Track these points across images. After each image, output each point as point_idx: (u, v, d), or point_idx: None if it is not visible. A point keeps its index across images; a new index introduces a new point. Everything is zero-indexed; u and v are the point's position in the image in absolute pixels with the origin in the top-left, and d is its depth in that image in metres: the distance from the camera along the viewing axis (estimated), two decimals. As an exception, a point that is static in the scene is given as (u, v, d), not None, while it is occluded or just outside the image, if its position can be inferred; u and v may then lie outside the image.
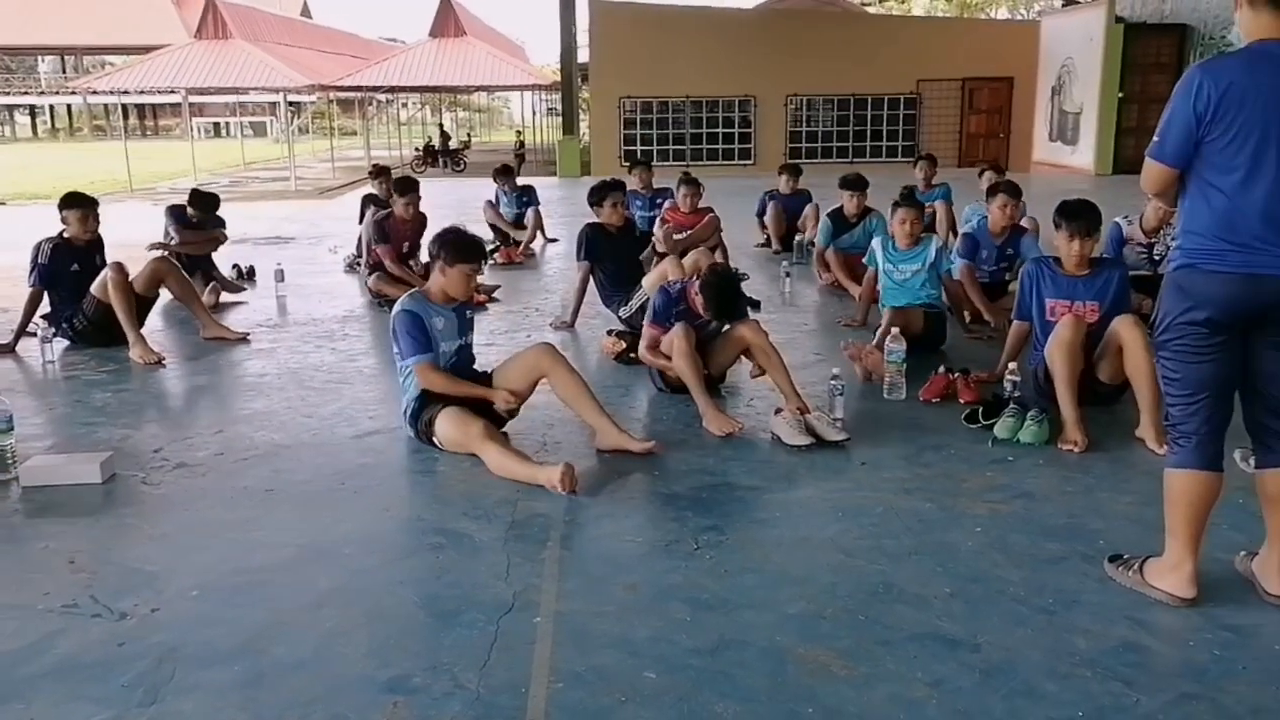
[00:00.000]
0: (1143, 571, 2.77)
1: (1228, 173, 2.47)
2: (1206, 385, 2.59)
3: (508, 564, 3.01)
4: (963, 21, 29.42)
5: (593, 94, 21.61)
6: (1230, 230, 2.48)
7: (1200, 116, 2.45)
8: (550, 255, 9.64)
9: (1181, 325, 2.57)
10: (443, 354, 4.02)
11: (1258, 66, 2.44)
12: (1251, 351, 2.58)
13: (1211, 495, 2.65)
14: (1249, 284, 2.48)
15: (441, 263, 4.02)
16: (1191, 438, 2.63)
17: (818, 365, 5.16)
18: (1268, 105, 2.42)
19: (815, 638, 2.57)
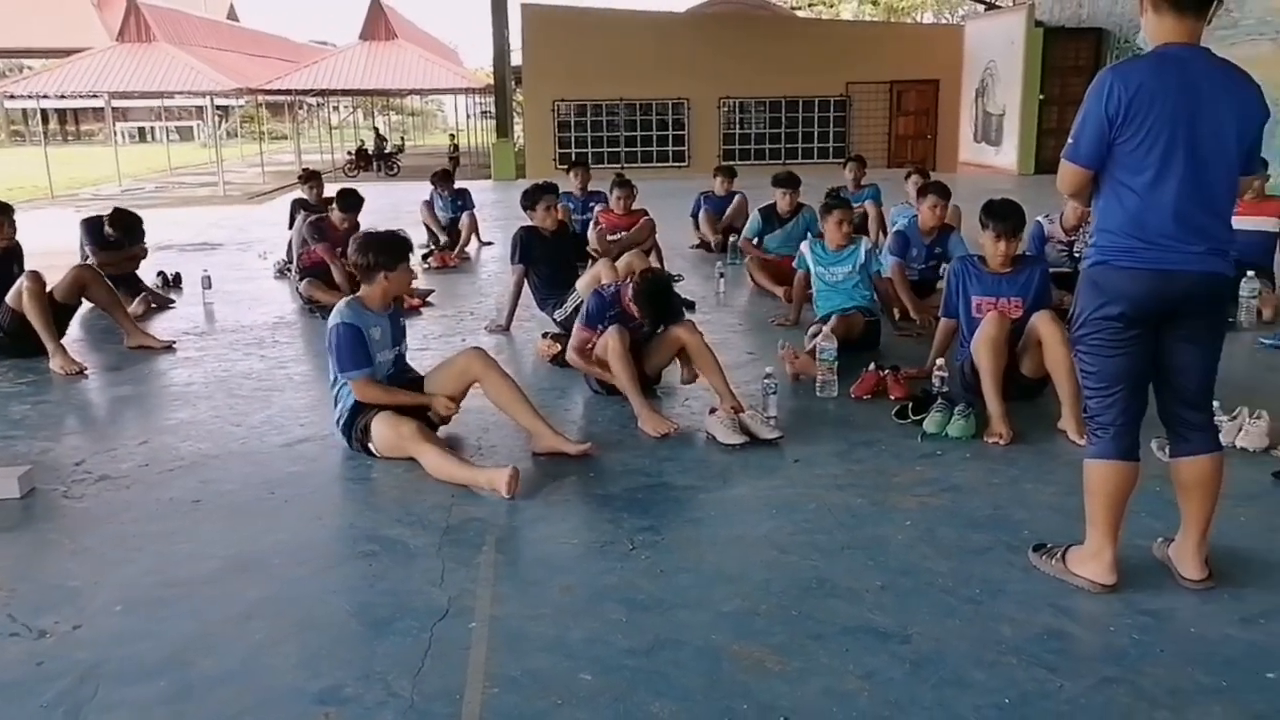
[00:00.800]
0: (1065, 560, 2.85)
1: (1139, 173, 2.55)
2: (1122, 378, 2.67)
3: (442, 570, 2.98)
4: (890, 25, 29.90)
5: (526, 97, 21.52)
6: (1142, 228, 2.56)
7: (1112, 118, 2.53)
8: (485, 259, 9.57)
9: (1097, 320, 2.65)
10: (380, 364, 3.98)
11: (1165, 69, 2.52)
12: (1163, 345, 2.67)
13: (1129, 484, 2.73)
14: (1160, 280, 2.56)
15: (382, 271, 3.96)
16: (1109, 429, 2.71)
17: (751, 364, 5.20)
18: (1175, 107, 2.50)
19: (749, 634, 2.59)
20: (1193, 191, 2.54)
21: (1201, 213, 2.56)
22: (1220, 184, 2.58)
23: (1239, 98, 2.57)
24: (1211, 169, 2.55)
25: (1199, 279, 2.58)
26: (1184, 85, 2.51)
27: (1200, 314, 2.63)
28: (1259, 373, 5.09)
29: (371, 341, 3.93)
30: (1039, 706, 2.25)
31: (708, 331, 5.66)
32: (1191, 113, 2.51)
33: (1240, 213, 6.68)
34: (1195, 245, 2.55)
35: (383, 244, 4.01)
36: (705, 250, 9.26)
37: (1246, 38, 14.23)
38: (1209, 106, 2.52)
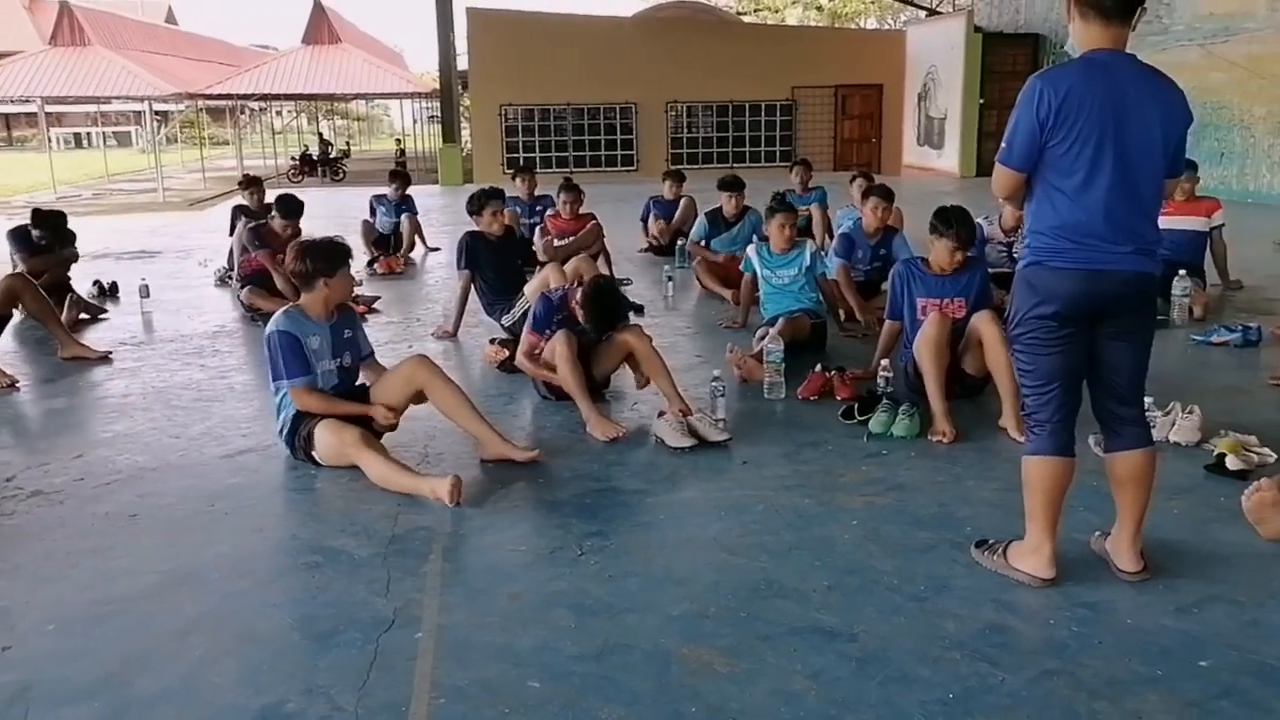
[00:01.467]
0: (1006, 555, 2.90)
1: (1069, 175, 2.61)
2: (1057, 376, 2.72)
3: (388, 579, 2.94)
4: (834, 31, 30.25)
5: (473, 101, 21.42)
6: (1073, 229, 2.62)
7: (1043, 123, 2.58)
8: (431, 264, 9.49)
9: (1032, 320, 2.70)
10: (322, 374, 3.91)
11: (1092, 75, 2.58)
12: (1096, 343, 2.73)
13: (1066, 480, 2.79)
14: (1091, 279, 2.62)
15: (321, 279, 3.90)
16: (1045, 426, 2.76)
17: (700, 367, 5.22)
18: (1103, 111, 2.56)
19: (698, 637, 2.59)
20: (1122, 193, 2.60)
21: (1130, 214, 2.62)
22: (1148, 186, 2.64)
23: (1165, 102, 2.63)
24: (1139, 171, 2.61)
25: (1128, 278, 2.64)
26: (1111, 90, 2.57)
27: (1130, 312, 2.70)
28: (1191, 369, 5.22)
29: (309, 351, 3.87)
30: (982, 700, 2.28)
31: (657, 335, 5.68)
32: (1119, 116, 2.57)
33: (1171, 213, 6.93)
34: (1124, 245, 2.62)
35: (321, 251, 3.95)
36: (654, 254, 9.28)
37: (1176, 44, 14.63)
38: (1136, 110, 2.58)
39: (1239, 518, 3.26)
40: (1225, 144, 13.82)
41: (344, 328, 4.06)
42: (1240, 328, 5.66)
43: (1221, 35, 13.78)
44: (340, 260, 3.96)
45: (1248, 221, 9.85)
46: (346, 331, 4.07)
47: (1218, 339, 5.64)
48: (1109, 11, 2.57)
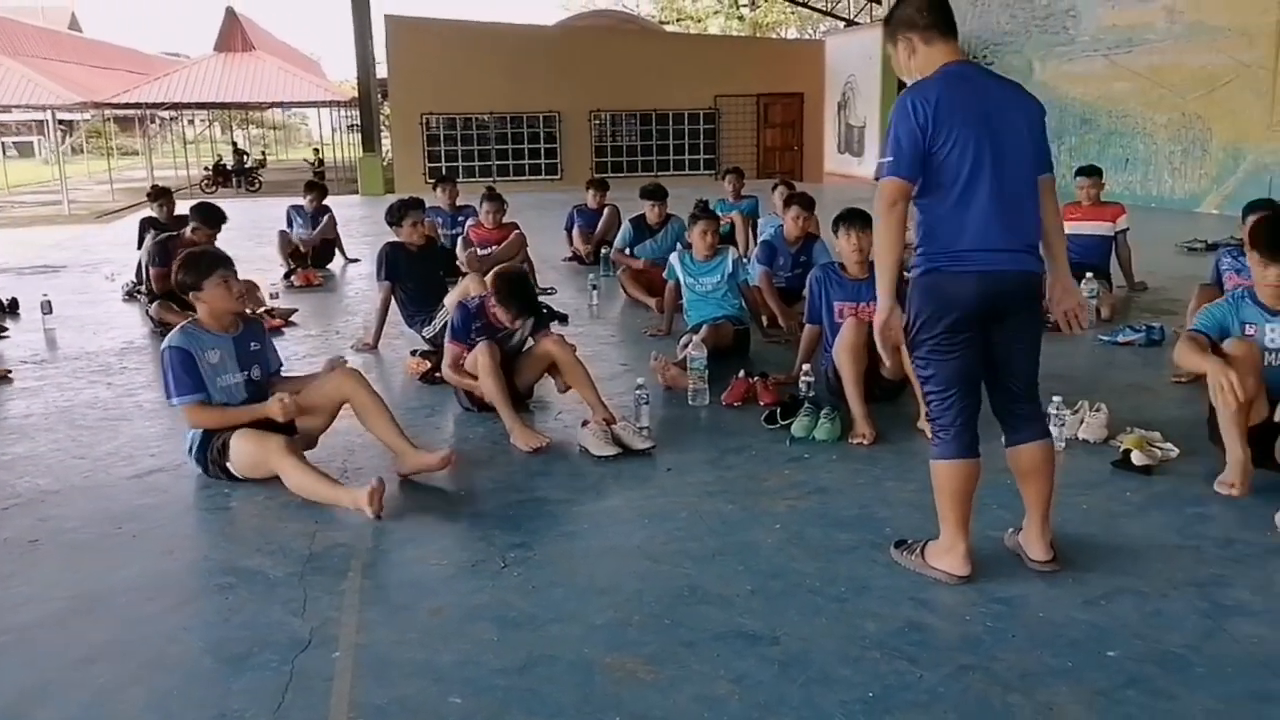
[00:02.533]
0: (924, 554, 2.95)
1: (954, 181, 2.68)
2: (958, 379, 2.79)
3: (304, 599, 2.87)
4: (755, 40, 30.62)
5: (393, 110, 21.17)
6: (962, 234, 2.70)
7: (923, 129, 2.65)
8: (351, 275, 9.33)
9: (930, 326, 2.77)
10: (223, 389, 3.79)
11: (956, 85, 2.69)
12: (990, 345, 2.81)
13: (974, 480, 2.86)
14: (984, 282, 2.70)
15: (191, 291, 3.80)
16: (950, 430, 2.83)
17: (625, 375, 5.22)
18: (975, 115, 2.66)
19: (622, 646, 2.58)
20: (1003, 194, 2.69)
21: (1013, 214, 2.72)
22: (1025, 185, 2.76)
23: (1023, 102, 2.79)
24: (1016, 172, 2.72)
25: (1018, 278, 2.73)
26: (977, 97, 2.69)
27: (1020, 311, 2.78)
28: (1099, 369, 5.39)
29: (208, 366, 3.75)
30: (901, 698, 2.32)
31: (581, 344, 5.67)
32: (989, 120, 2.68)
33: (1078, 218, 7.17)
34: (1011, 246, 2.71)
35: (188, 262, 3.83)
36: (578, 263, 9.27)
37: (1082, 54, 15.16)
38: (1002, 113, 2.71)
39: (1144, 511, 3.38)
40: (1129, 151, 14.34)
41: (250, 339, 3.93)
42: (1144, 328, 5.87)
43: (1124, 46, 14.30)
44: (206, 270, 3.79)
45: (1151, 226, 10.23)
46: (253, 344, 3.94)
47: (1123, 339, 5.83)
48: (947, 29, 2.74)
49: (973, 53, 17.69)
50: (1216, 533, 3.19)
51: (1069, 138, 15.55)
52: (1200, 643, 2.53)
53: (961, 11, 17.98)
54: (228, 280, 3.84)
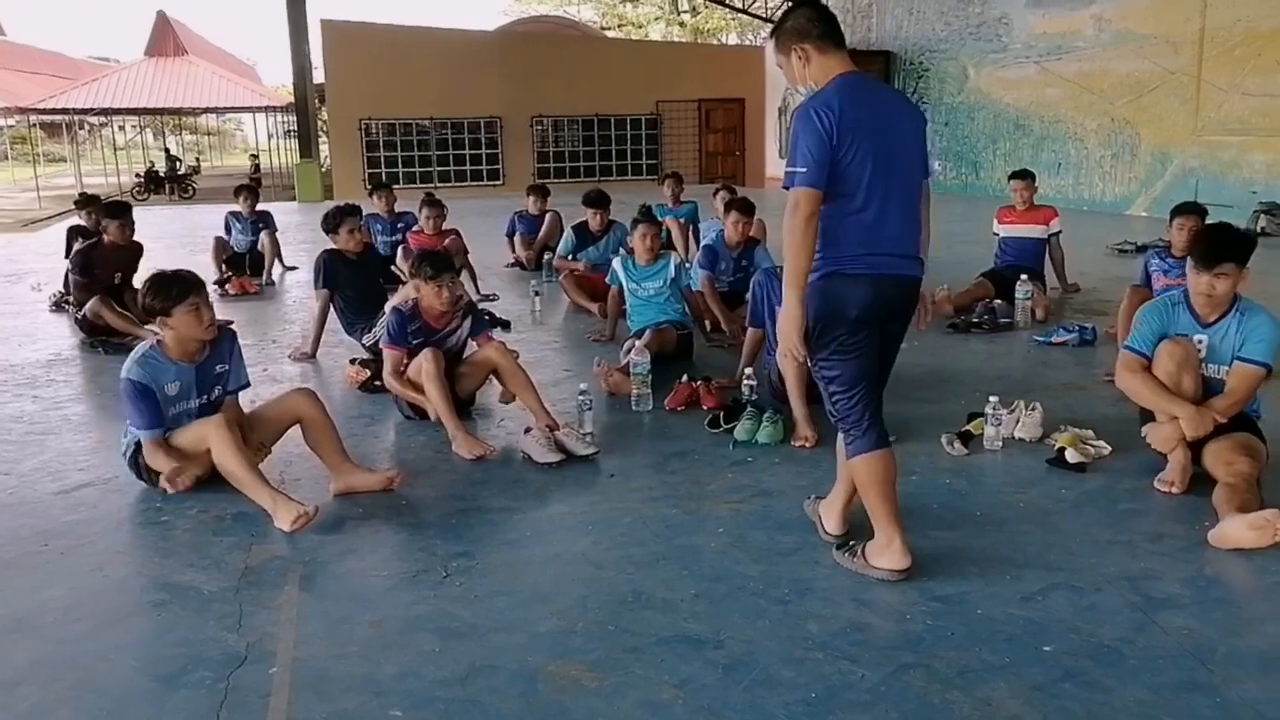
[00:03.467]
0: (865, 555, 2.98)
1: (854, 189, 2.74)
2: (862, 377, 2.86)
3: (240, 614, 2.81)
4: (697, 46, 30.81)
5: (331, 116, 20.87)
6: (863, 240, 2.77)
7: (829, 136, 2.69)
8: (289, 284, 9.17)
9: (831, 328, 2.82)
10: (175, 415, 3.70)
11: (854, 95, 2.74)
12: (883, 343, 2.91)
13: (893, 470, 2.93)
14: (879, 286, 2.79)
15: (158, 317, 3.66)
16: (860, 425, 2.89)
17: (568, 381, 5.20)
18: (876, 125, 2.73)
19: (566, 653, 2.57)
20: (898, 202, 2.78)
21: (906, 221, 2.82)
22: (915, 192, 2.85)
23: (909, 110, 2.90)
24: (908, 180, 2.81)
25: (907, 283, 2.86)
26: (873, 105, 2.76)
27: (906, 314, 2.92)
28: (1034, 369, 5.50)
29: (166, 398, 3.66)
30: (843, 697, 2.33)
31: (524, 350, 5.65)
32: (885, 129, 2.75)
33: (1013, 221, 7.32)
34: (904, 252, 2.82)
35: (157, 286, 3.66)
36: (520, 269, 9.23)
37: (1015, 61, 15.50)
38: (896, 122, 2.79)
39: (1079, 508, 3.46)
40: (1061, 155, 14.69)
41: (216, 363, 3.81)
42: (1077, 328, 6.00)
43: (1055, 53, 14.66)
44: (177, 296, 3.62)
45: (1082, 228, 10.48)
46: (219, 366, 3.82)
47: (1057, 339, 5.96)
48: (838, 39, 2.81)
49: (910, 59, 18.02)
50: (1148, 528, 3.27)
51: (1003, 142, 15.89)
52: (1133, 635, 2.59)
53: (898, 19, 18.40)
54: (199, 308, 3.67)
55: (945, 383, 5.09)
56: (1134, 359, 3.63)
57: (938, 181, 17.04)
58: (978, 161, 16.58)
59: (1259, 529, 2.97)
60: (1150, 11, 13.00)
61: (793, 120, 2.79)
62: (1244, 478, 3.25)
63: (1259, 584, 2.89)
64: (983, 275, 7.06)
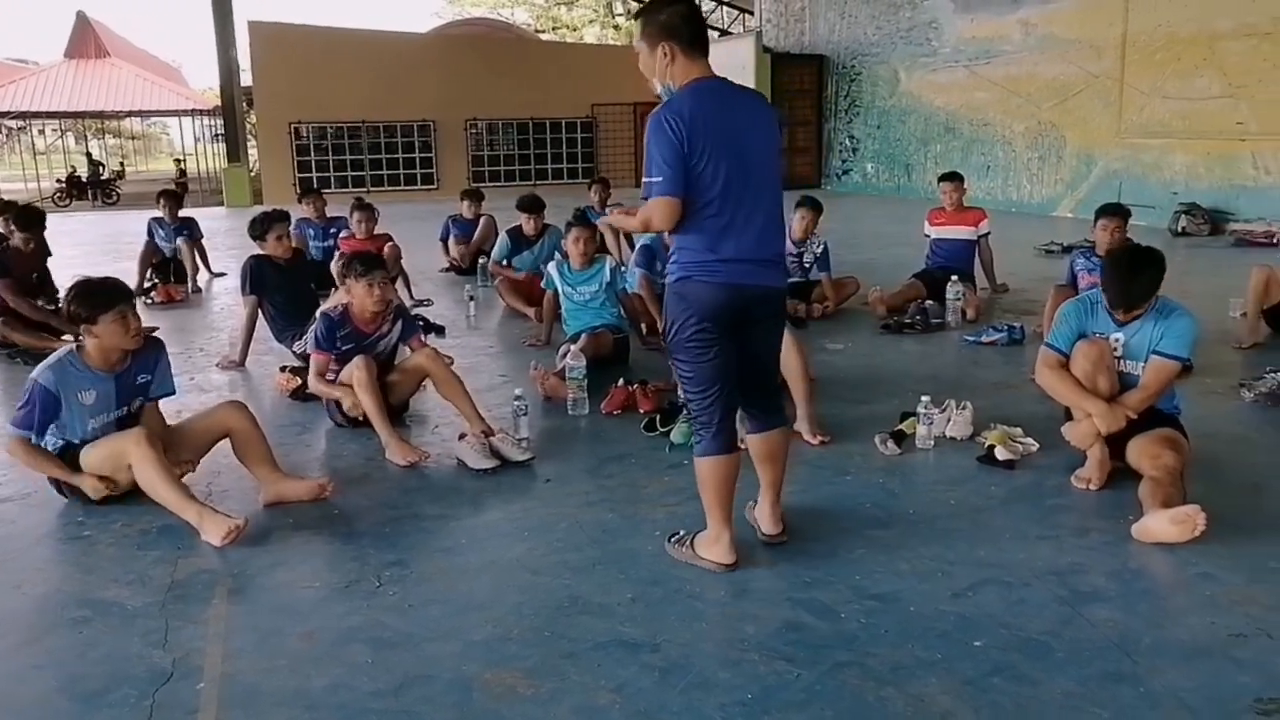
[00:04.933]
0: (694, 546, 3.06)
1: (706, 196, 2.77)
2: (716, 379, 2.91)
3: (166, 629, 2.74)
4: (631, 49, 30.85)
5: (260, 119, 20.47)
6: (715, 247, 2.81)
7: (681, 143, 2.72)
8: (217, 290, 8.96)
9: (687, 330, 2.87)
10: (94, 428, 3.58)
11: (706, 102, 2.78)
12: (741, 347, 2.95)
13: (734, 473, 3.00)
14: (730, 293, 2.83)
15: (82, 324, 3.53)
16: (711, 427, 2.94)
17: (504, 387, 5.16)
18: (726, 134, 2.76)
19: (502, 660, 2.54)
20: (750, 210, 2.81)
21: (759, 229, 2.84)
22: (771, 200, 2.87)
23: (766, 116, 2.89)
24: (763, 187, 2.84)
25: (761, 291, 2.87)
26: (727, 112, 2.78)
27: (765, 319, 2.95)
28: (965, 368, 5.60)
29: (79, 407, 3.54)
30: (779, 698, 2.35)
31: (458, 355, 5.59)
32: (738, 137, 2.78)
33: (943, 223, 7.44)
34: (757, 259, 2.84)
35: (82, 293, 3.54)
36: (456, 273, 9.15)
37: (945, 65, 15.79)
38: (750, 129, 2.81)
39: (1007, 505, 3.52)
40: (990, 158, 15.01)
41: (139, 373, 3.70)
42: (1006, 327, 6.13)
43: (983, 58, 14.97)
44: (102, 305, 3.51)
45: (1011, 229, 10.70)
46: (141, 377, 3.71)
47: (987, 339, 6.07)
48: (702, 45, 2.84)
49: (843, 63, 18.26)
50: (1074, 523, 3.35)
51: (934, 145, 16.18)
52: (1060, 629, 2.64)
53: (830, 23, 18.60)
54: (126, 316, 3.56)
55: (879, 383, 5.16)
56: (1053, 356, 3.71)
57: (872, 184, 17.35)
58: (910, 164, 16.86)
59: (1180, 523, 3.06)
60: (1074, 17, 13.35)
61: (646, 130, 2.80)
62: (1169, 471, 3.34)
63: (1181, 576, 2.97)
64: (915, 276, 7.18)
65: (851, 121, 17.84)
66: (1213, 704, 2.29)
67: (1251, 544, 3.11)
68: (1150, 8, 12.24)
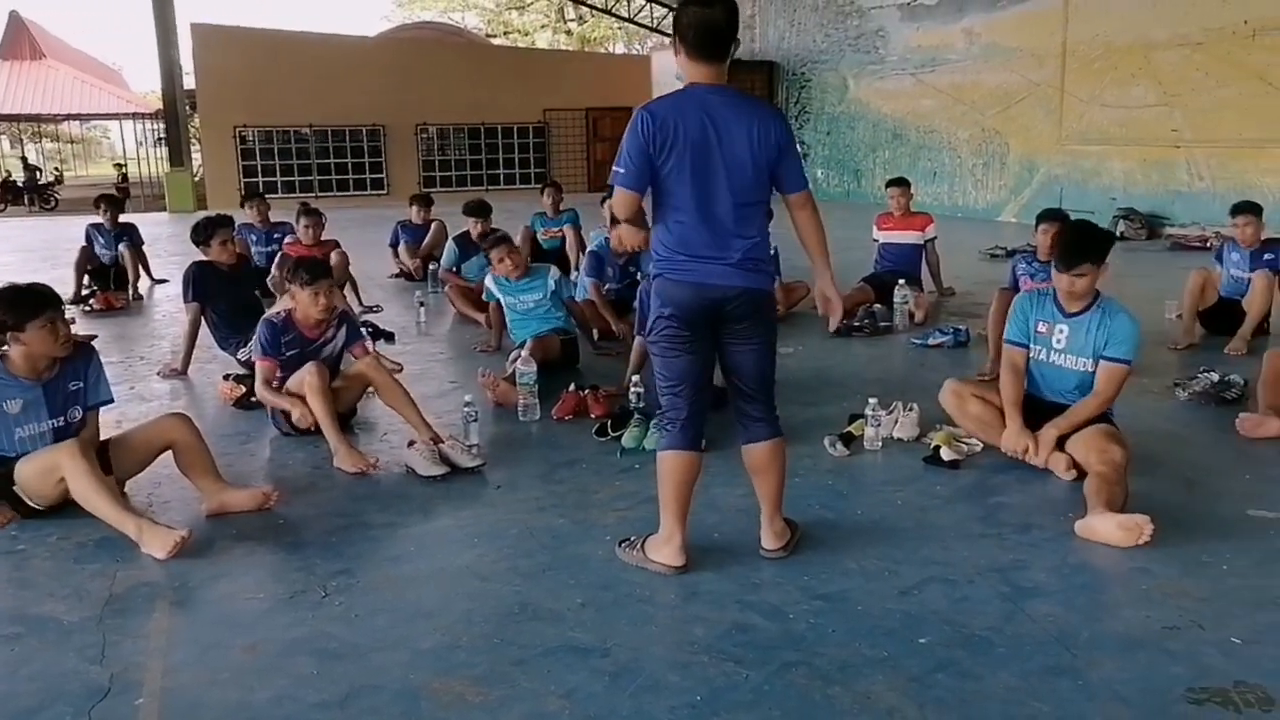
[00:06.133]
0: (644, 549, 3.07)
1: (678, 194, 2.83)
2: (685, 376, 2.94)
3: (104, 644, 2.68)
4: (584, 55, 30.83)
5: (203, 123, 20.12)
6: (686, 245, 2.85)
7: (649, 143, 2.78)
8: (159, 298, 8.79)
9: (659, 324, 2.92)
10: (22, 439, 3.49)
11: (686, 103, 2.82)
12: (720, 348, 2.98)
13: (694, 473, 3.02)
14: (697, 292, 2.86)
15: (9, 332, 3.44)
16: (676, 423, 2.97)
17: (454, 393, 5.13)
18: (697, 137, 2.79)
19: (450, 669, 2.52)
20: (718, 213, 2.84)
21: (727, 233, 2.86)
22: (744, 206, 2.88)
23: (755, 127, 2.83)
24: (735, 190, 2.85)
25: (732, 291, 2.87)
26: (703, 117, 2.81)
27: (742, 320, 2.93)
28: (912, 370, 5.68)
29: (4, 417, 3.46)
30: (728, 699, 2.36)
31: (409, 362, 5.56)
32: (714, 141, 2.81)
33: (890, 228, 7.54)
34: (727, 261, 2.85)
35: (9, 300, 3.45)
36: (405, 279, 9.08)
37: (892, 73, 16.02)
38: (729, 135, 2.82)
39: (952, 504, 3.58)
40: (936, 164, 15.25)
41: (70, 380, 3.60)
42: (952, 330, 6.22)
43: (929, 66, 15.21)
44: (30, 311, 3.42)
45: (956, 234, 10.88)
46: (73, 384, 3.62)
47: (933, 341, 6.16)
48: (707, 53, 2.83)
49: (793, 70, 18.43)
50: (1016, 520, 3.41)
51: (883, 151, 16.40)
52: (1002, 624, 2.69)
53: (780, 31, 18.76)
54: (54, 322, 3.47)
55: (828, 385, 5.21)
56: (1015, 350, 3.89)
57: (822, 189, 17.52)
58: (859, 169, 17.06)
59: (1127, 530, 3.11)
60: (1016, 26, 13.61)
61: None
62: (1115, 467, 3.40)
63: (1119, 570, 3.03)
64: (863, 280, 7.26)
65: (802, 128, 18.01)
66: (1147, 695, 2.34)
67: (1185, 539, 3.19)
68: (1088, 18, 12.52)
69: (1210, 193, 11.18)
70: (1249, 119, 10.74)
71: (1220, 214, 7.97)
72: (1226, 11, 10.86)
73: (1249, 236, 5.99)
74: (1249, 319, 5.77)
